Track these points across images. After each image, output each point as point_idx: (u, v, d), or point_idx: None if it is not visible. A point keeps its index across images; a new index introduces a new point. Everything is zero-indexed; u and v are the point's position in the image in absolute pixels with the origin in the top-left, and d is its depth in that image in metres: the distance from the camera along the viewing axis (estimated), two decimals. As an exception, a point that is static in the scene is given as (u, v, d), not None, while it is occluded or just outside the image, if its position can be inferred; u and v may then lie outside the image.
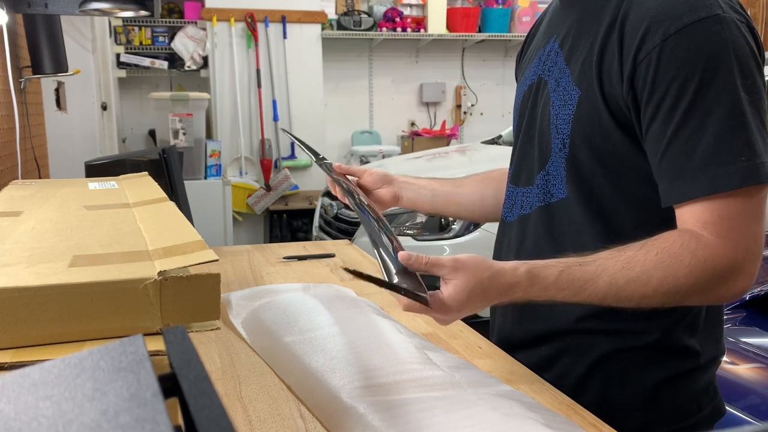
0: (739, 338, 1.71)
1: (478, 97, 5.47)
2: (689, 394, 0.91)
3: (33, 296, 0.55)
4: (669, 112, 0.78)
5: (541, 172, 0.93)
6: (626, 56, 0.80)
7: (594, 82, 0.84)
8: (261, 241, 4.78)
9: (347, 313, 1.05)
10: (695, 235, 0.78)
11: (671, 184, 0.79)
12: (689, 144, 0.77)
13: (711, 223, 0.77)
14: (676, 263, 0.77)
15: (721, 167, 0.75)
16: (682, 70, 0.76)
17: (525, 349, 0.98)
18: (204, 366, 0.34)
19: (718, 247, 0.77)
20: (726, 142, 0.75)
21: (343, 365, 0.85)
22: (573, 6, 0.93)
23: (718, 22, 0.76)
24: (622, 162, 0.85)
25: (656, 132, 0.80)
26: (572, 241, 0.90)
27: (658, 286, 0.77)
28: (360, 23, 4.85)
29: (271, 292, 1.22)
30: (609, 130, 0.84)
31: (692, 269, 0.77)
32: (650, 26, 0.78)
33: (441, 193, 1.18)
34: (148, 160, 1.69)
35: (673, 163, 0.78)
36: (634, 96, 0.81)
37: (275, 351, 0.96)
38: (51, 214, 0.87)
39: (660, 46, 0.77)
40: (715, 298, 0.80)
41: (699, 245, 0.77)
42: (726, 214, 0.77)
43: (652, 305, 0.80)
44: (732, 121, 0.76)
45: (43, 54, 2.22)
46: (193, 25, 4.50)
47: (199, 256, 0.64)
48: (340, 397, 0.78)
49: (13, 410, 0.31)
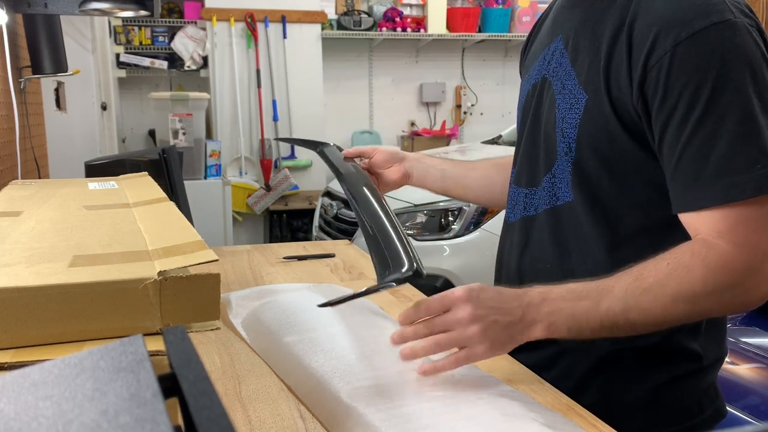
0: (739, 338, 1.71)
1: (478, 97, 5.47)
2: (691, 396, 0.91)
3: (33, 296, 0.55)
4: (682, 119, 0.77)
5: (548, 175, 0.93)
6: (635, 61, 0.79)
7: (601, 87, 0.83)
8: (261, 241, 4.78)
9: (347, 314, 1.05)
10: (706, 243, 0.77)
11: (685, 191, 0.78)
12: (702, 151, 0.76)
13: (726, 231, 0.76)
14: (688, 272, 0.76)
15: (736, 175, 0.75)
16: (694, 77, 0.75)
17: (526, 350, 0.97)
18: (204, 366, 0.34)
19: (733, 254, 0.76)
20: (740, 149, 0.75)
21: (343, 365, 0.85)
22: (578, 5, 0.91)
23: (730, 27, 0.75)
24: (629, 166, 0.84)
25: (669, 139, 0.79)
26: (577, 245, 0.89)
27: (675, 294, 0.76)
28: (360, 23, 4.85)
29: (270, 292, 1.22)
30: (616, 135, 0.83)
31: (706, 277, 0.76)
32: (660, 31, 0.77)
33: (451, 175, 1.19)
34: (148, 160, 1.69)
35: (686, 170, 0.78)
36: (644, 102, 0.80)
37: (275, 351, 0.96)
38: (51, 214, 0.87)
39: (671, 52, 0.76)
40: (740, 304, 0.79)
41: (710, 253, 0.76)
42: (741, 222, 0.76)
43: (679, 318, 0.79)
44: (745, 128, 0.75)
45: (42, 54, 2.22)
46: (193, 25, 4.50)
47: (199, 256, 0.64)
48: (340, 397, 0.78)
49: (13, 410, 0.31)
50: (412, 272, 0.80)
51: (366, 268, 1.46)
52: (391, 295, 1.26)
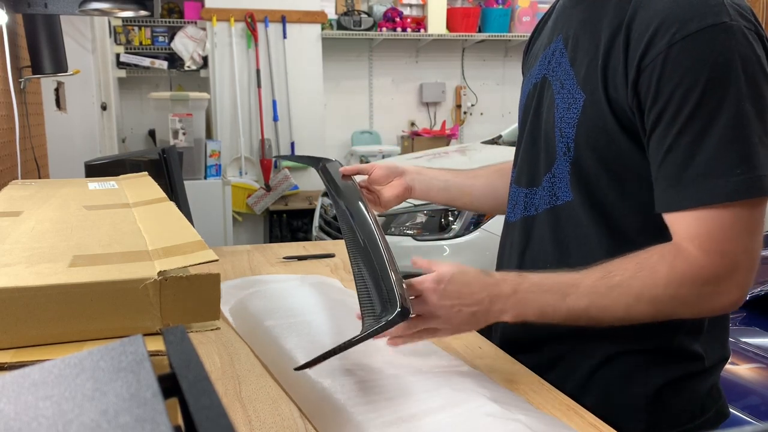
0: (739, 338, 1.71)
1: (478, 97, 5.47)
2: (693, 397, 0.91)
3: (33, 296, 0.55)
4: (671, 119, 0.77)
5: (548, 175, 0.93)
6: (631, 61, 0.79)
7: (599, 87, 0.83)
8: (261, 241, 4.78)
9: (329, 303, 1.10)
10: (677, 247, 0.78)
11: (665, 191, 0.79)
12: (687, 153, 0.76)
13: (698, 236, 0.77)
14: (653, 274, 0.78)
15: (715, 179, 0.75)
16: (685, 78, 0.75)
17: (528, 351, 0.97)
18: (204, 366, 0.34)
19: (701, 260, 0.76)
20: (724, 153, 0.74)
21: (314, 347, 0.90)
22: (578, 5, 0.91)
23: (725, 30, 0.75)
24: (627, 167, 0.84)
25: (657, 139, 0.79)
26: (577, 245, 0.90)
27: (638, 295, 0.78)
28: (360, 23, 4.85)
29: (260, 282, 1.28)
30: (614, 135, 0.83)
31: (670, 281, 0.77)
32: (657, 31, 0.77)
33: (454, 185, 1.18)
34: (148, 160, 1.69)
35: (669, 171, 0.78)
36: (638, 101, 0.80)
37: (256, 333, 1.02)
38: (51, 214, 0.87)
39: (665, 53, 0.76)
40: (706, 310, 0.81)
41: (678, 258, 0.77)
42: (715, 228, 0.76)
43: (643, 317, 0.80)
44: (733, 133, 0.74)
45: (42, 54, 2.22)
46: (192, 25, 4.50)
47: (199, 256, 0.64)
48: (308, 374, 0.84)
49: (13, 410, 0.31)
50: (403, 313, 0.77)
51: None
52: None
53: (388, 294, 0.80)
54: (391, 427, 0.72)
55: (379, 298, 0.81)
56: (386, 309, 0.78)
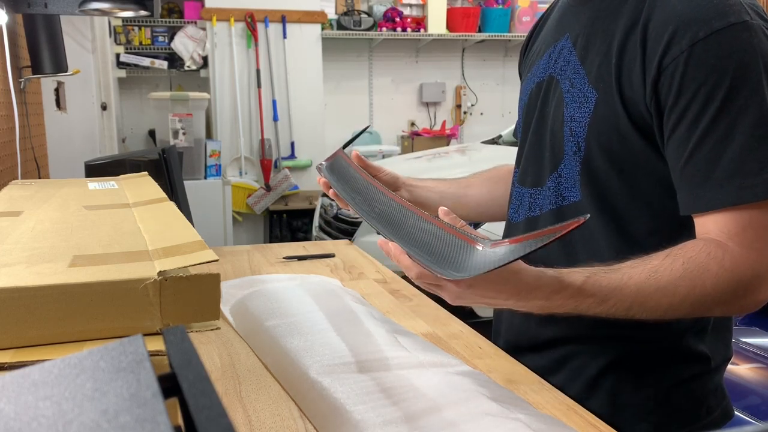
0: (740, 338, 1.71)
1: (478, 97, 5.47)
2: (699, 397, 0.91)
3: (33, 296, 0.55)
4: (695, 118, 0.76)
5: (553, 174, 0.92)
6: (650, 60, 0.79)
7: (612, 85, 0.82)
8: (261, 241, 4.78)
9: (328, 302, 1.11)
10: (721, 245, 0.76)
11: (694, 192, 0.78)
12: (715, 152, 0.75)
13: (735, 233, 0.76)
14: (703, 273, 0.75)
15: (748, 177, 0.74)
16: (710, 77, 0.75)
17: (533, 353, 0.97)
18: (204, 366, 0.34)
19: (743, 257, 0.75)
20: (753, 151, 0.74)
21: (316, 346, 0.91)
22: (586, 3, 0.91)
23: (747, 28, 0.75)
24: (639, 167, 0.84)
25: (680, 138, 0.78)
26: (584, 246, 0.89)
27: (685, 296, 0.75)
28: (360, 23, 4.85)
29: (260, 282, 1.28)
30: (627, 134, 0.83)
31: (719, 279, 0.75)
32: (677, 30, 0.76)
33: (449, 195, 1.17)
34: (148, 160, 1.69)
35: (696, 170, 0.77)
36: (657, 101, 0.79)
37: (257, 334, 1.02)
38: (51, 214, 0.87)
39: (688, 52, 0.76)
40: (738, 308, 0.79)
41: (726, 255, 0.75)
42: (751, 225, 0.75)
43: (678, 316, 0.78)
44: (759, 131, 0.74)
45: (43, 54, 2.22)
46: (192, 25, 4.50)
47: (199, 256, 0.64)
48: (308, 373, 0.84)
49: (13, 410, 0.31)
50: None
51: (366, 268, 1.46)
52: (390, 295, 1.26)
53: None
54: (390, 426, 0.72)
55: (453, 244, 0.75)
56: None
